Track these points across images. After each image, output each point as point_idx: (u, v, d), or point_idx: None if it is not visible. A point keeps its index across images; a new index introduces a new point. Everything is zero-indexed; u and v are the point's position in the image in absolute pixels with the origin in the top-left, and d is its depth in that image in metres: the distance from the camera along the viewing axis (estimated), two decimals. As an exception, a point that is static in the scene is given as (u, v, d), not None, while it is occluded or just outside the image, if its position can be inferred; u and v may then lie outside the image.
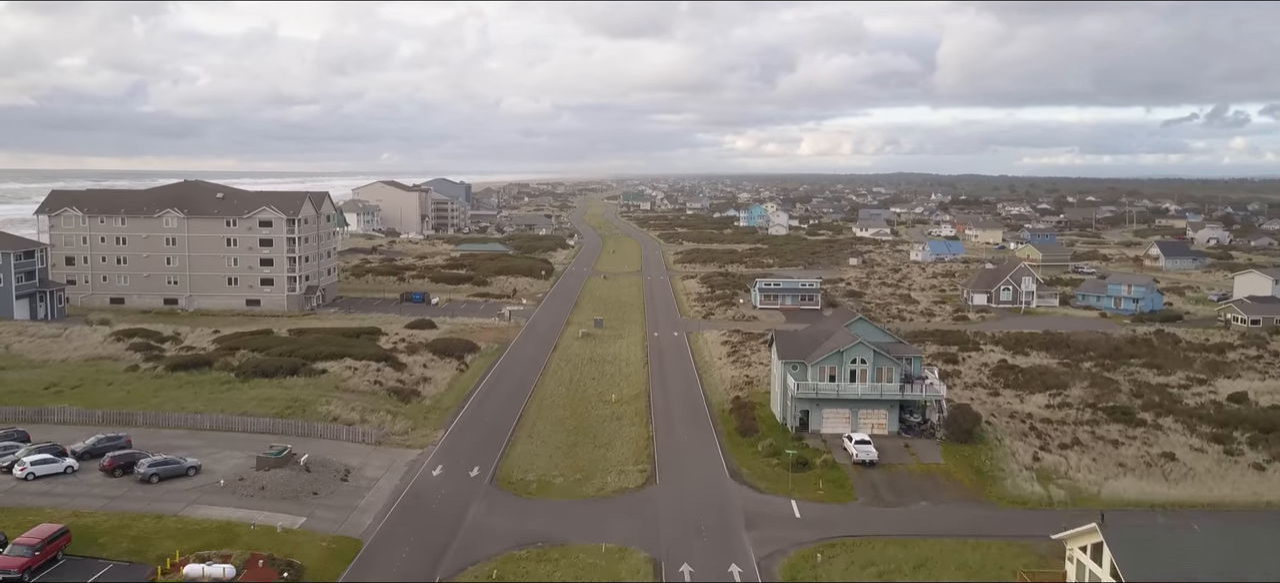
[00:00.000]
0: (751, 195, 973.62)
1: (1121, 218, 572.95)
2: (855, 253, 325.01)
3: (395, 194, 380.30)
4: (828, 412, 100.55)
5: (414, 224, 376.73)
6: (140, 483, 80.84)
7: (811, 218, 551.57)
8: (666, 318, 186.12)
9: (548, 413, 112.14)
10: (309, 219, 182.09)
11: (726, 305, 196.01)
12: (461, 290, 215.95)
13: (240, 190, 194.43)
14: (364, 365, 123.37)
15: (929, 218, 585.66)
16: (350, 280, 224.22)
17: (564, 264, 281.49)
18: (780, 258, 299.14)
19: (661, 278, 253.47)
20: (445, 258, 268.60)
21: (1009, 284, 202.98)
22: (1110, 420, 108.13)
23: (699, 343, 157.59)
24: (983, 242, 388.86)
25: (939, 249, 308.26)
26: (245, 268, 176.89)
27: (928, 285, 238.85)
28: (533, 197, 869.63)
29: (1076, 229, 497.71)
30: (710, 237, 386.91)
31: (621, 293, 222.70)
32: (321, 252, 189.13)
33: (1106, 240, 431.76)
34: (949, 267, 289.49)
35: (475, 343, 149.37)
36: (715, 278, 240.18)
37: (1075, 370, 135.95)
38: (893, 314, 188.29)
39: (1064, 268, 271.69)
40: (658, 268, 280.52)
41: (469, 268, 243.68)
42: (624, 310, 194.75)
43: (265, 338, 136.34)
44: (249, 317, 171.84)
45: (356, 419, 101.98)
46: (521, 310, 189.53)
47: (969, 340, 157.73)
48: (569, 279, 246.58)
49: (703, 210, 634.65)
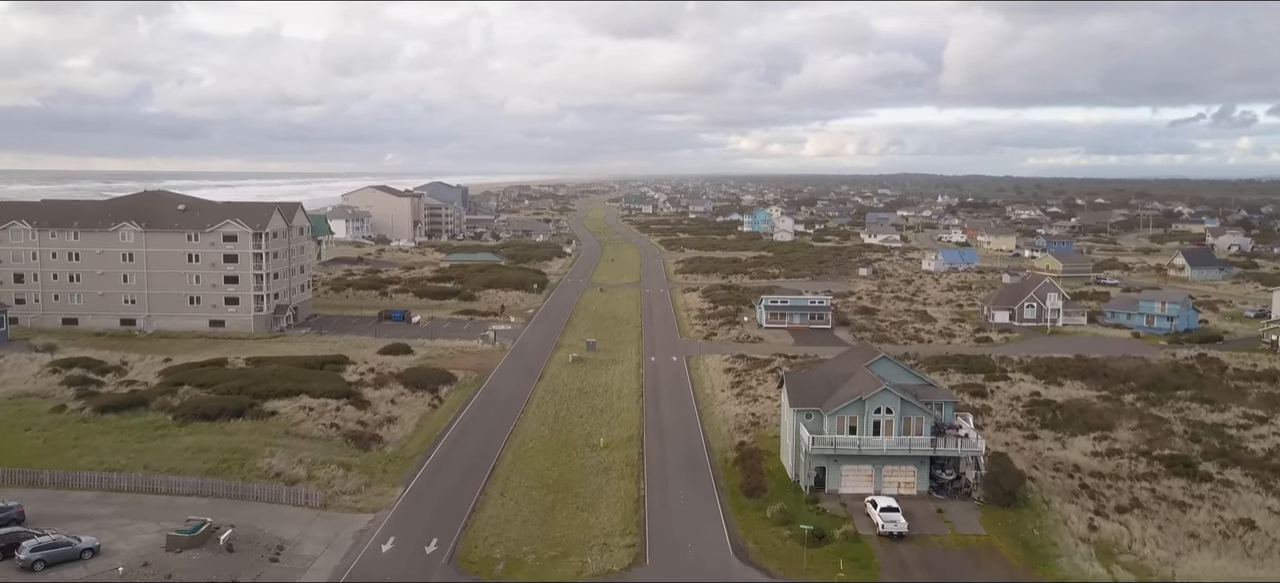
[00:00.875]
0: (755, 197, 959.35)
1: (1136, 222, 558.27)
2: (864, 262, 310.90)
3: (386, 200, 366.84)
4: (847, 468, 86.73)
5: (406, 231, 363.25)
6: (21, 571, 67.24)
7: (817, 222, 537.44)
8: (665, 338, 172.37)
9: (526, 463, 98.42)
10: (278, 233, 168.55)
11: (730, 324, 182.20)
12: (447, 306, 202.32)
13: (205, 201, 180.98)
14: (321, 405, 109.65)
15: (937, 222, 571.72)
16: (329, 296, 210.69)
17: (559, 275, 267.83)
18: (786, 267, 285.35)
19: (661, 290, 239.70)
20: (433, 269, 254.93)
21: (1033, 301, 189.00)
22: (1169, 473, 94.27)
23: (700, 371, 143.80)
24: (995, 249, 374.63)
25: (952, 258, 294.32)
26: (208, 286, 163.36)
27: (943, 299, 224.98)
28: (533, 199, 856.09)
29: (1090, 234, 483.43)
30: (713, 243, 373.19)
31: (618, 308, 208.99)
32: (293, 267, 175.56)
33: (1123, 246, 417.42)
34: (963, 277, 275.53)
35: (453, 372, 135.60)
36: (718, 291, 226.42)
37: (1118, 406, 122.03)
38: (909, 335, 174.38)
39: (1086, 279, 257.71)
40: (658, 278, 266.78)
41: (457, 280, 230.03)
42: (619, 329, 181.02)
43: (215, 371, 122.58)
44: (211, 339, 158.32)
45: (301, 475, 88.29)
46: (509, 330, 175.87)
47: (995, 367, 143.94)
48: (563, 292, 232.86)
49: (706, 214, 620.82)
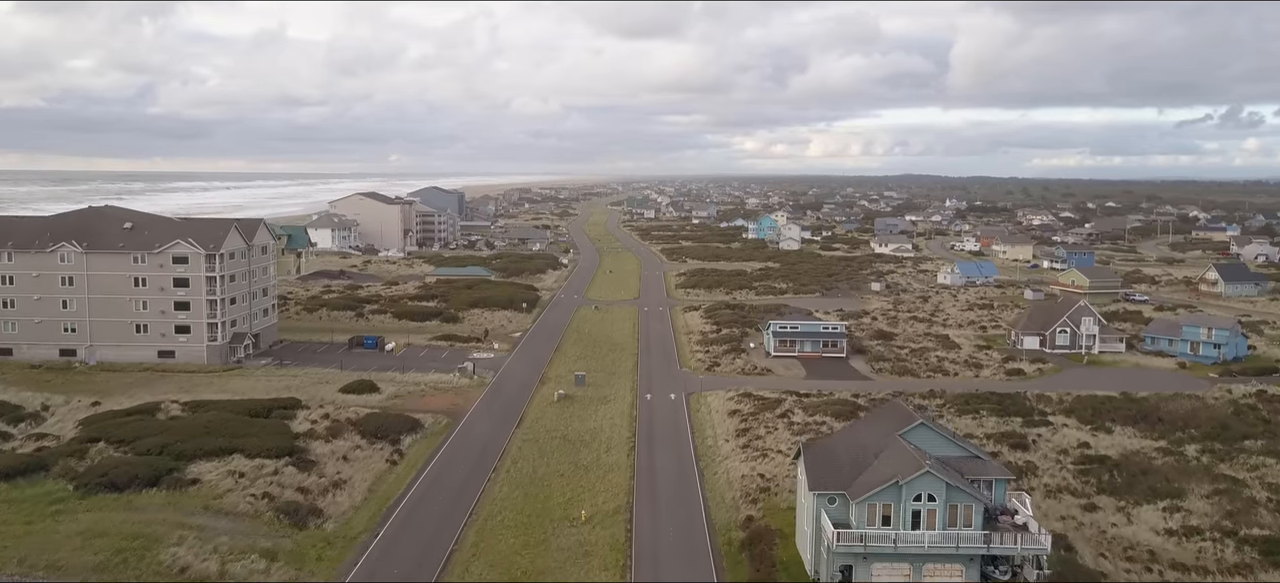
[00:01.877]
0: (760, 201, 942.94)
1: (1153, 228, 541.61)
2: (876, 274, 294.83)
3: (375, 207, 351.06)
4: (879, 566, 70.76)
5: (396, 240, 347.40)
6: None
7: (824, 228, 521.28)
8: (663, 369, 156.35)
9: (492, 544, 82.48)
10: (236, 253, 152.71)
11: (734, 351, 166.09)
12: (427, 329, 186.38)
13: (156, 217, 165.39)
14: (256, 468, 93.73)
15: (947, 228, 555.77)
16: (300, 318, 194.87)
17: (553, 290, 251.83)
18: (794, 281, 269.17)
19: (661, 309, 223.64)
20: (418, 285, 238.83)
21: (1067, 326, 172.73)
22: (1266, 562, 78.22)
23: (701, 413, 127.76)
24: (1012, 259, 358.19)
25: (969, 271, 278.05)
26: (156, 313, 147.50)
27: (964, 319, 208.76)
28: (534, 203, 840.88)
29: (1108, 241, 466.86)
30: (717, 253, 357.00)
31: (613, 330, 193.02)
32: (254, 290, 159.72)
33: (1144, 255, 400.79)
34: (982, 292, 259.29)
35: (419, 417, 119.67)
36: (721, 311, 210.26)
37: (1181, 461, 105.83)
38: (933, 365, 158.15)
39: (1114, 295, 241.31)
40: (657, 294, 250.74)
41: (441, 299, 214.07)
42: (613, 358, 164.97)
43: (142, 422, 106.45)
44: (158, 373, 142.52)
45: (212, 571, 72.42)
46: (491, 359, 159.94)
47: (1032, 409, 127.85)
48: (556, 311, 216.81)
49: (709, 219, 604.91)
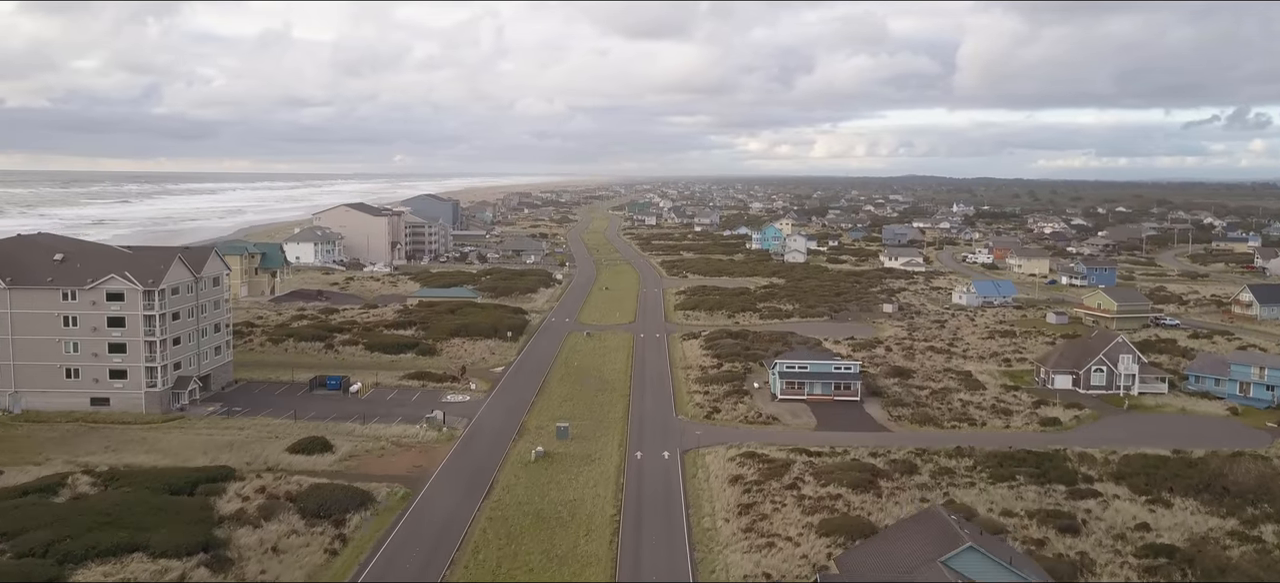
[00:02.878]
0: (764, 205, 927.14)
1: (1169, 236, 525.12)
2: (887, 292, 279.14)
3: (361, 219, 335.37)
4: None
5: (383, 253, 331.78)
6: None
7: (830, 236, 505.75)
8: (657, 416, 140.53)
9: (433, 684, 66.72)
10: (180, 287, 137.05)
11: (736, 393, 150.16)
12: (400, 364, 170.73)
13: (93, 245, 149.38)
14: (157, 573, 77.92)
15: (957, 236, 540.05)
16: (264, 349, 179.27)
17: (544, 312, 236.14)
18: (801, 301, 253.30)
19: (658, 335, 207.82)
20: (398, 308, 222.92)
21: (1103, 364, 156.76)
22: None
23: (698, 477, 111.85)
24: (1028, 274, 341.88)
25: (986, 291, 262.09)
26: (88, 355, 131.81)
27: (985, 349, 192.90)
28: (533, 207, 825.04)
29: (1125, 252, 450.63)
30: (719, 267, 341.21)
31: (605, 363, 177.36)
32: (203, 327, 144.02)
33: (1164, 268, 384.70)
34: (1001, 313, 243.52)
35: (374, 487, 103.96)
36: (723, 339, 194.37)
37: (1261, 553, 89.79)
38: (956, 411, 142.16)
39: (1144, 319, 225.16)
40: (655, 316, 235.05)
41: (420, 326, 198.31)
42: (603, 401, 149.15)
43: (34, 508, 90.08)
44: (88, 424, 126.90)
45: None
46: (466, 404, 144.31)
47: (1075, 473, 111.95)
48: (544, 338, 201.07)
49: (712, 226, 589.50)
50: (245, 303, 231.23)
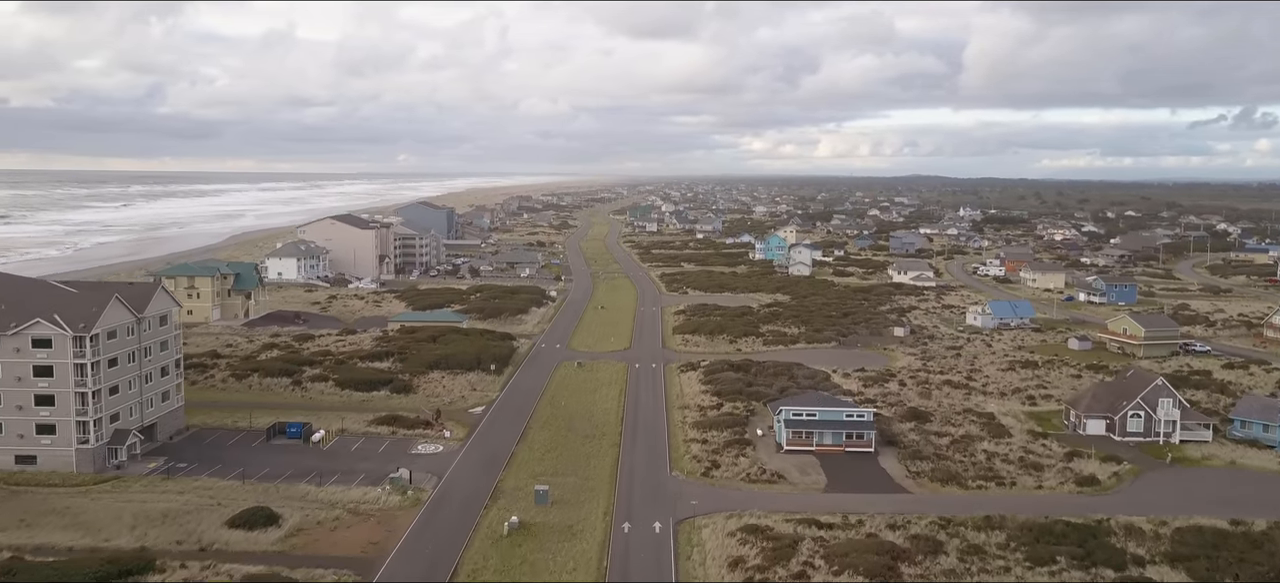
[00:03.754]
0: (767, 208, 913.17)
1: (1184, 245, 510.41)
2: (897, 312, 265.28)
3: (348, 232, 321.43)
4: None
5: (370, 267, 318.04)
6: None
7: (835, 244, 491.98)
8: (649, 474, 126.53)
9: None
10: (118, 330, 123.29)
11: (738, 444, 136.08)
12: (371, 403, 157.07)
13: (21, 280, 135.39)
14: None
15: (965, 244, 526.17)
16: (226, 386, 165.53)
17: (533, 337, 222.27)
18: (806, 323, 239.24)
19: (654, 366, 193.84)
20: (377, 337, 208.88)
21: (1140, 409, 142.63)
22: None
23: (692, 561, 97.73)
24: (1042, 289, 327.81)
25: (1003, 312, 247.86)
26: (12, 408, 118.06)
27: (1006, 383, 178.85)
28: (533, 212, 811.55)
29: (1141, 262, 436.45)
30: (720, 281, 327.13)
31: (596, 401, 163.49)
32: (147, 372, 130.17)
33: (1183, 280, 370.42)
34: (1019, 336, 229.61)
35: (318, 576, 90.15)
36: (724, 372, 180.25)
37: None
38: (981, 466, 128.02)
39: (1172, 344, 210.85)
40: (652, 342, 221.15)
41: (397, 357, 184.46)
42: (590, 452, 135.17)
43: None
44: (10, 486, 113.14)
45: None
46: (437, 456, 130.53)
47: (1120, 552, 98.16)
48: (531, 371, 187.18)
49: (714, 233, 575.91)
50: (216, 328, 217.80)
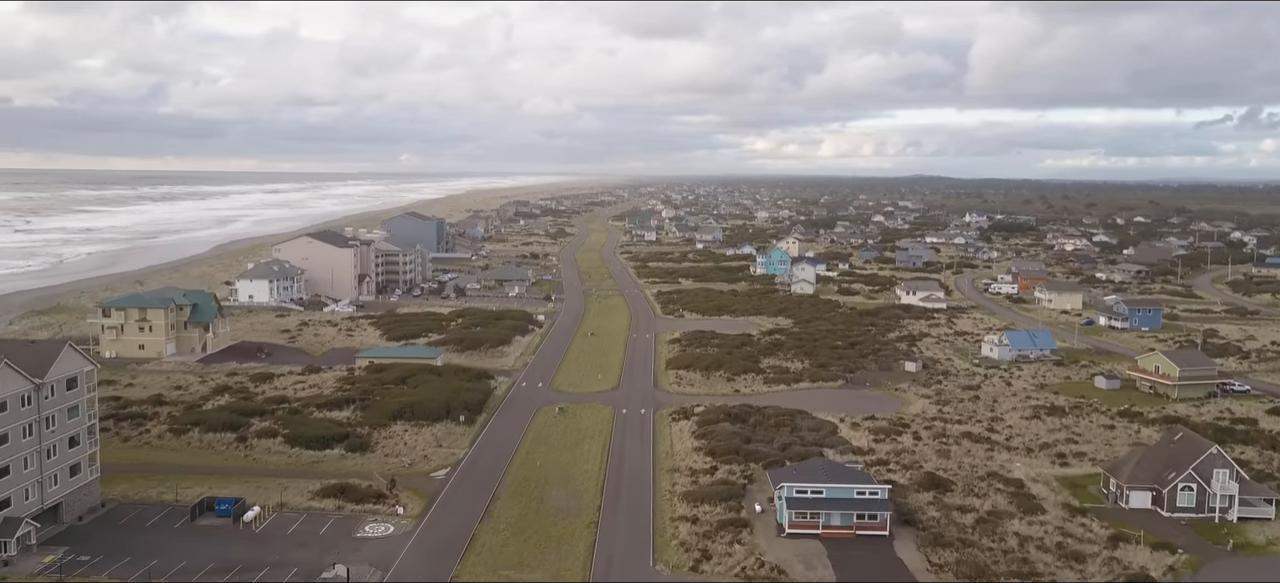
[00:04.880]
0: (769, 213, 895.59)
1: (1201, 257, 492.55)
2: (907, 339, 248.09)
3: (325, 251, 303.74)
4: None
5: (348, 288, 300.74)
6: None
7: (839, 257, 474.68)
8: (627, 563, 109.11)
9: None
10: (9, 402, 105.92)
11: (733, 526, 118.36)
12: (322, 464, 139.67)
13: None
14: None
15: (974, 254, 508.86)
16: (162, 444, 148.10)
17: (514, 373, 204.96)
18: (811, 355, 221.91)
19: (643, 411, 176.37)
20: (341, 378, 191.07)
21: (1190, 482, 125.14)
22: None
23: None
24: (1059, 311, 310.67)
25: (1021, 343, 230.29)
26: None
27: (1033, 436, 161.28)
28: (530, 218, 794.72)
29: (1157, 276, 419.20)
30: (719, 302, 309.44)
31: (576, 461, 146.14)
32: (49, 444, 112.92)
33: (1204, 298, 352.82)
34: (1039, 371, 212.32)
35: None
36: (720, 425, 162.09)
37: None
38: (1014, 555, 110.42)
39: (1208, 384, 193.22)
40: (643, 378, 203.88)
41: (360, 403, 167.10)
42: (563, 532, 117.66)
43: None
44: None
45: None
46: (388, 538, 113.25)
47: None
48: (506, 418, 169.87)
49: (714, 243, 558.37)
50: (170, 365, 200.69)
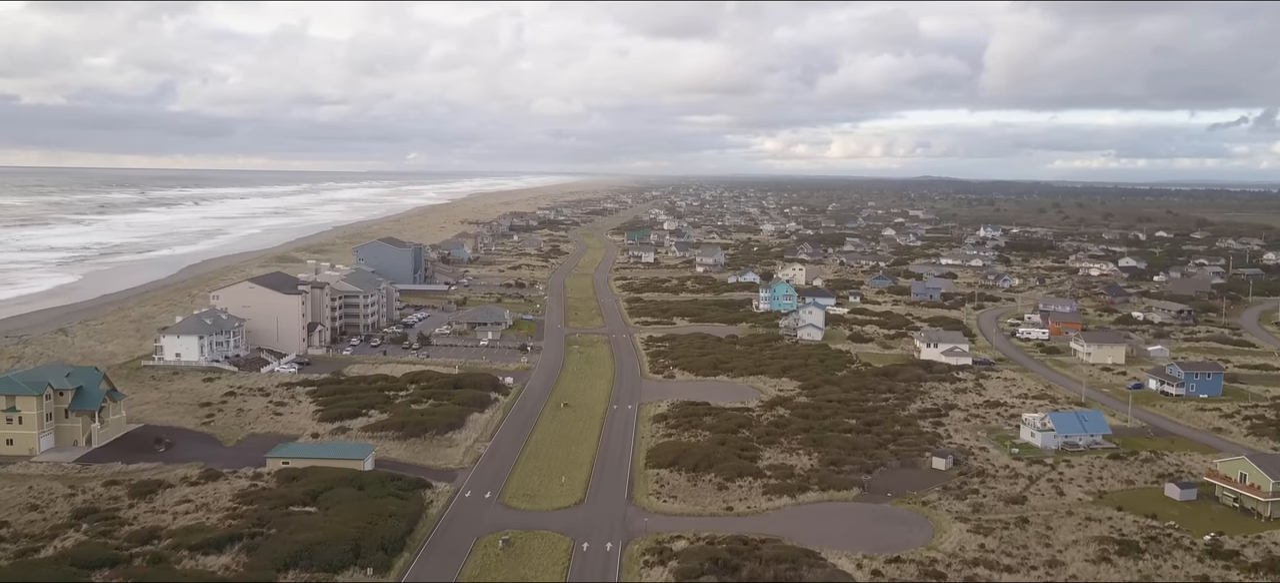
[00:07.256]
0: (775, 225, 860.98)
1: (1242, 287, 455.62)
2: (931, 414, 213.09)
3: (269, 299, 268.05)
4: None
5: (295, 340, 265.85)
6: None
7: (849, 285, 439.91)
8: None
9: None
10: None
11: None
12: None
13: None
14: None
15: (994, 282, 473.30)
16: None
17: (460, 472, 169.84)
18: (821, 444, 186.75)
19: (608, 547, 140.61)
20: (239, 493, 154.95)
21: None
22: None
23: None
24: (1100, 366, 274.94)
25: (1069, 428, 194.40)
26: None
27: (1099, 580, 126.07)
28: (526, 232, 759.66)
29: (1196, 305, 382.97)
30: (716, 359, 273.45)
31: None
32: None
33: (1255, 342, 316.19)
34: (1092, 465, 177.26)
35: None
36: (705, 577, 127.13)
37: None
38: None
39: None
40: (616, 485, 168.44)
41: (250, 538, 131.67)
42: None
43: None
44: None
45: None
46: None
47: None
48: (434, 555, 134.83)
49: (715, 267, 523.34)
50: (41, 465, 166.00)
